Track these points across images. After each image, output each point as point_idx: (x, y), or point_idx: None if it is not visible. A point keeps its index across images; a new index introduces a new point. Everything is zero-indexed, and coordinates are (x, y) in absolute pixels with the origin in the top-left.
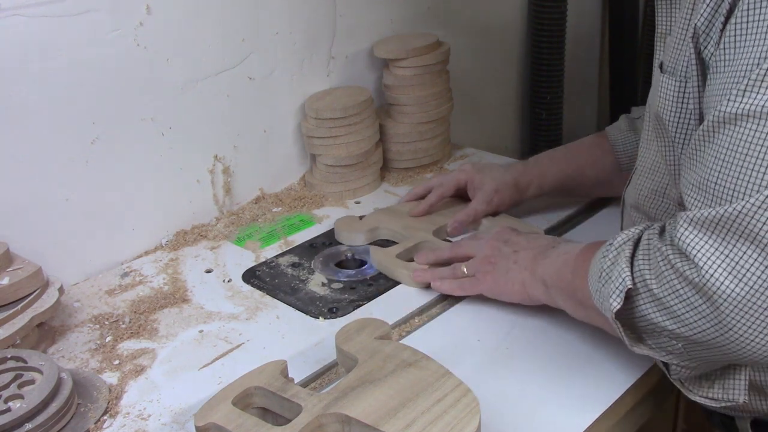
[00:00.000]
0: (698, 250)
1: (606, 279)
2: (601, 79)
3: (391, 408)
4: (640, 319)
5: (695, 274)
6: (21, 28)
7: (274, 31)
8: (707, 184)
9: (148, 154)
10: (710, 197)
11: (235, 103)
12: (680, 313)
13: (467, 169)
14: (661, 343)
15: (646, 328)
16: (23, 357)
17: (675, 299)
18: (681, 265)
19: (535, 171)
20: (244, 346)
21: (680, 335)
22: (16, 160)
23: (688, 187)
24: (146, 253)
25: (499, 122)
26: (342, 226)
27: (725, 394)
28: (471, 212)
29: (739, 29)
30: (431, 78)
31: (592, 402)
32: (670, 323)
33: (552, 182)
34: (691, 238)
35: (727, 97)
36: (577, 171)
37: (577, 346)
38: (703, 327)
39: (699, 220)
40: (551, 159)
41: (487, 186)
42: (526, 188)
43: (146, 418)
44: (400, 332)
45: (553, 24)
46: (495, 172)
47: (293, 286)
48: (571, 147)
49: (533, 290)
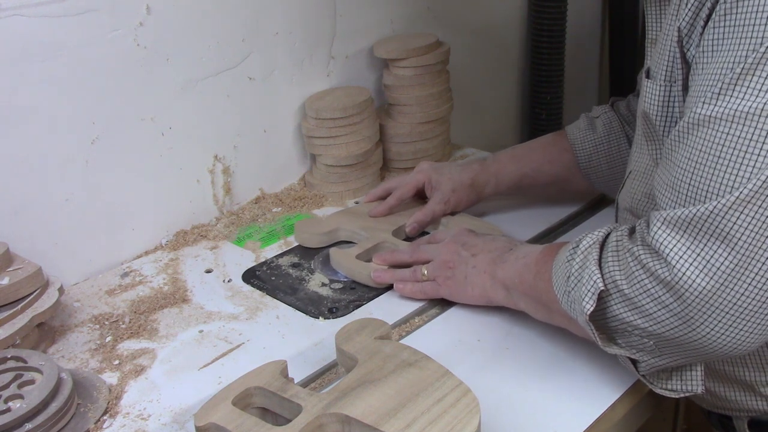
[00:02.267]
0: (671, 249)
1: (576, 282)
2: (601, 79)
3: (391, 408)
4: (612, 319)
5: (666, 272)
6: (21, 28)
7: (274, 31)
8: (679, 184)
9: (148, 154)
10: (683, 197)
11: (235, 103)
12: (651, 312)
13: (425, 169)
14: (632, 341)
15: (617, 328)
16: (23, 357)
17: (645, 298)
18: (652, 264)
19: (492, 169)
20: (244, 346)
21: (652, 333)
22: (16, 160)
23: (662, 186)
24: (146, 253)
25: (499, 122)
26: (302, 228)
27: (683, 385)
28: (428, 212)
29: (716, 33)
30: (431, 78)
31: (592, 402)
32: (641, 321)
33: (509, 181)
34: (665, 237)
35: (702, 99)
36: (534, 169)
37: (577, 346)
38: (673, 324)
39: (672, 220)
40: (510, 157)
41: (444, 186)
42: (482, 187)
43: (146, 418)
44: (400, 332)
45: (553, 24)
46: (452, 171)
47: (293, 286)
48: (529, 145)
49: (494, 294)
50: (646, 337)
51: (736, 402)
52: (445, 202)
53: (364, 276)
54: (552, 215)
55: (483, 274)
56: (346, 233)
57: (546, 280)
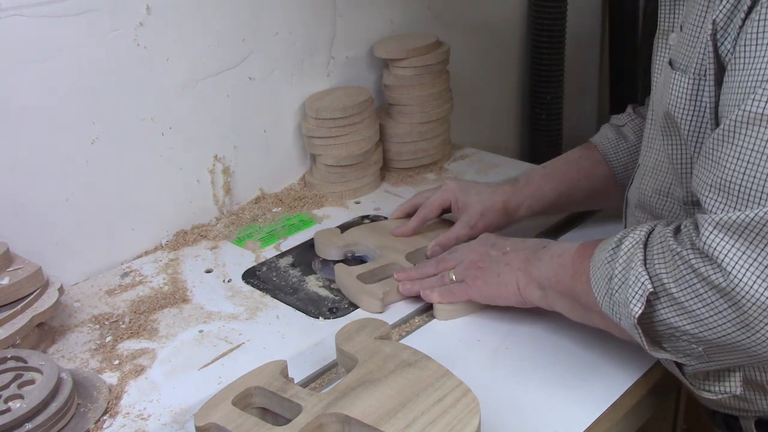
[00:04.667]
0: (725, 254)
1: (620, 284)
2: (601, 79)
3: (391, 408)
4: (659, 323)
5: (722, 279)
6: (21, 28)
7: (274, 31)
8: (729, 186)
9: (148, 154)
10: (733, 199)
11: (235, 103)
12: (703, 317)
13: (452, 188)
14: (680, 346)
15: (664, 333)
16: (23, 357)
17: (697, 303)
18: (704, 269)
19: (526, 191)
20: (244, 346)
21: (702, 339)
22: (16, 160)
23: (705, 188)
24: (146, 253)
25: (499, 122)
26: (320, 239)
27: (721, 387)
28: (452, 237)
29: (762, 26)
30: (431, 78)
31: (592, 402)
32: (691, 327)
33: (545, 201)
34: (718, 242)
35: (751, 96)
36: (571, 186)
37: (577, 346)
38: (728, 330)
39: (726, 224)
40: (543, 176)
41: (471, 209)
42: (515, 210)
43: (146, 418)
44: (400, 332)
45: (553, 24)
46: (481, 193)
47: (293, 286)
48: (559, 162)
49: (529, 293)
50: (695, 343)
51: (745, 402)
52: (471, 227)
53: (364, 300)
54: (551, 216)
55: (517, 272)
56: (363, 249)
57: (584, 281)
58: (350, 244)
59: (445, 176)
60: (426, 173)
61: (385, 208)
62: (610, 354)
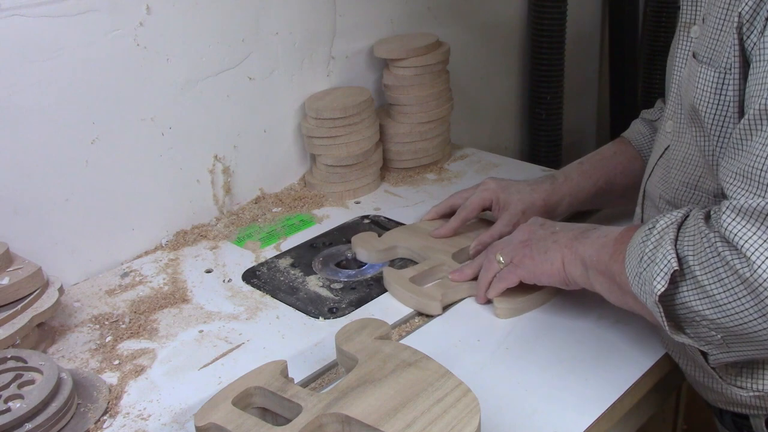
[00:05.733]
0: (746, 241)
1: (649, 262)
2: (601, 79)
3: (391, 408)
4: (681, 306)
5: (744, 266)
6: (21, 28)
7: (274, 31)
8: (753, 172)
9: (148, 154)
10: (756, 186)
11: (235, 103)
12: (723, 303)
13: (492, 188)
14: (700, 333)
15: (685, 317)
16: (23, 357)
17: (719, 287)
18: (728, 254)
19: (565, 188)
20: (244, 346)
21: (720, 326)
22: (16, 160)
23: (730, 176)
24: (146, 253)
25: (499, 122)
26: (359, 243)
27: (754, 383)
28: (495, 235)
29: None
30: (431, 78)
31: (593, 402)
32: (711, 312)
33: (584, 198)
34: (738, 228)
35: None
36: (608, 182)
37: (577, 346)
38: (746, 319)
39: (746, 210)
40: (581, 173)
41: (513, 207)
42: (555, 207)
43: (146, 418)
44: (400, 332)
45: (553, 24)
46: (522, 191)
47: (293, 286)
48: (596, 158)
49: (572, 269)
50: (714, 330)
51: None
52: (514, 225)
53: (414, 301)
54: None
55: (564, 249)
56: (404, 251)
57: (620, 261)
58: (391, 247)
59: (444, 176)
60: (426, 173)
61: (385, 208)
62: (611, 354)
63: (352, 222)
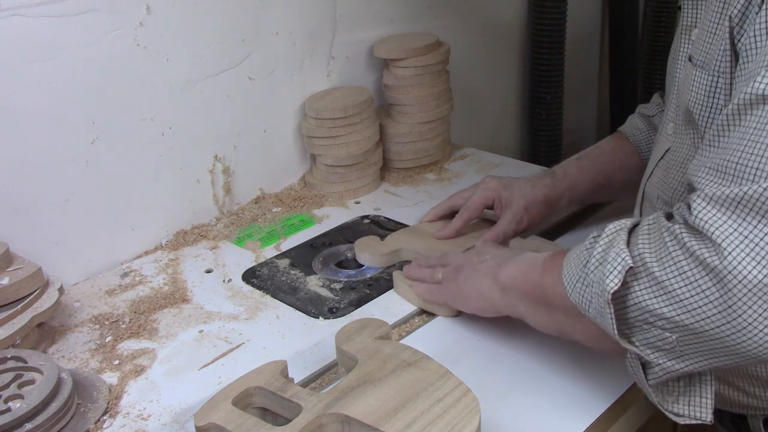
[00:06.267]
0: (716, 228)
1: (597, 264)
2: (601, 79)
3: (391, 408)
4: (633, 307)
5: (712, 255)
6: (21, 28)
7: (274, 31)
8: (728, 165)
9: (148, 154)
10: (729, 177)
11: (235, 103)
12: (683, 297)
13: (493, 186)
14: (651, 337)
15: (636, 319)
16: (23, 357)
17: (680, 281)
18: (695, 244)
19: (565, 183)
20: (244, 346)
21: (678, 323)
22: (16, 160)
23: (702, 170)
24: (146, 253)
25: (499, 122)
26: (362, 248)
27: (691, 410)
28: (500, 233)
29: None
30: (431, 78)
31: (592, 402)
32: (668, 309)
33: (583, 193)
34: (708, 215)
35: (754, 78)
36: (607, 177)
37: (577, 346)
38: (708, 313)
39: (717, 198)
40: (579, 169)
41: (515, 204)
42: (556, 202)
43: (146, 418)
44: (400, 332)
45: (553, 24)
46: (523, 188)
47: (293, 286)
48: (594, 153)
49: (491, 294)
50: (670, 330)
51: (754, 398)
52: (518, 222)
53: (432, 306)
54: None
55: (485, 277)
56: (409, 254)
57: (555, 274)
58: (395, 250)
59: (444, 176)
60: (426, 173)
61: (385, 208)
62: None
63: (352, 222)
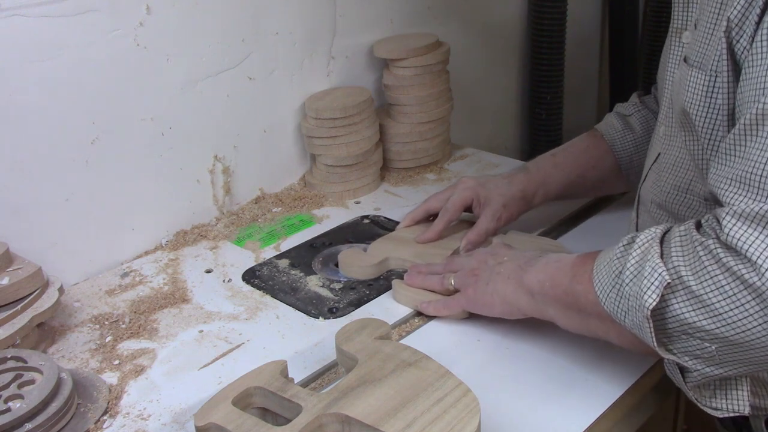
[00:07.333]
0: (750, 245)
1: (633, 276)
2: (601, 79)
3: (391, 408)
4: (671, 319)
5: (750, 272)
6: (21, 28)
7: (274, 31)
8: (752, 178)
9: (148, 154)
10: (754, 191)
11: (235, 103)
12: (723, 311)
13: (471, 186)
14: (690, 346)
15: (674, 331)
16: (23, 357)
17: (717, 296)
18: (731, 261)
19: (538, 178)
20: (244, 346)
21: (718, 336)
22: (16, 160)
23: (725, 182)
24: (146, 253)
25: (499, 122)
26: (347, 262)
27: (729, 404)
28: (482, 232)
29: None
30: (431, 78)
31: (592, 402)
32: (707, 322)
33: (556, 189)
34: (741, 233)
35: None
36: (579, 175)
37: (577, 346)
38: (749, 326)
39: (747, 214)
40: (553, 165)
41: (494, 202)
42: (532, 198)
43: (146, 418)
44: (400, 332)
45: (553, 24)
46: (500, 186)
47: (293, 286)
48: (569, 150)
49: (517, 299)
50: (709, 341)
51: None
52: (497, 219)
53: None
54: (551, 216)
55: (507, 281)
56: (396, 262)
57: (585, 281)
58: (382, 261)
59: (444, 176)
60: (426, 173)
61: (385, 208)
62: (611, 353)
63: (352, 222)
